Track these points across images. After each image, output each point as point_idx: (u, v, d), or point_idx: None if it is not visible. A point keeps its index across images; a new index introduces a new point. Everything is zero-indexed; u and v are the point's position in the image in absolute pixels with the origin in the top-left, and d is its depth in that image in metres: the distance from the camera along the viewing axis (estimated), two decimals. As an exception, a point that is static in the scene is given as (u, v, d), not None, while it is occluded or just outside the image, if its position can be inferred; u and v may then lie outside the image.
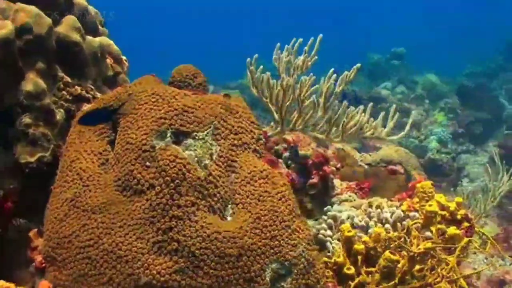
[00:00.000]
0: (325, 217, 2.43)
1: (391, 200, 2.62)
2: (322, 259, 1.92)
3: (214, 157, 1.65)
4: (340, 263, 1.91)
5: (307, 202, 2.59)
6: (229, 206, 1.65)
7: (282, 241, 1.62)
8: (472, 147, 7.56)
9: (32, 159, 1.71)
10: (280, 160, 2.55)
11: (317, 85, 1.81)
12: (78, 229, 1.59)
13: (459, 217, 2.14)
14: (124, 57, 2.18)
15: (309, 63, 1.86)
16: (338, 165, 3.01)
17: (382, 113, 1.89)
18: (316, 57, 1.87)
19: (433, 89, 9.61)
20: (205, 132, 1.66)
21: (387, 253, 1.84)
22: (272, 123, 1.90)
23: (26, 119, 1.70)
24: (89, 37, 1.94)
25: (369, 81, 10.59)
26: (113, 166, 1.65)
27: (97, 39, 1.98)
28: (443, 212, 2.13)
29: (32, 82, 1.70)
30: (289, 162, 2.58)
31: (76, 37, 1.85)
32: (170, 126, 1.63)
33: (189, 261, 1.51)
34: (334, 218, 2.42)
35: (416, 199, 2.33)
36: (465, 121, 7.96)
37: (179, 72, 1.90)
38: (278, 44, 1.85)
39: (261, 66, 1.82)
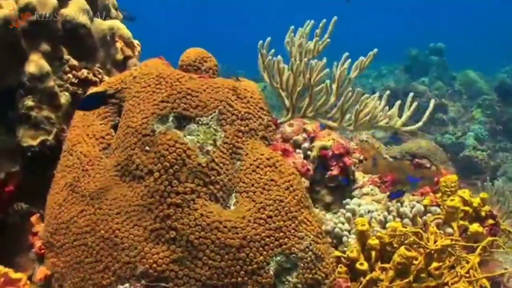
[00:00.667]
0: (343, 211, 2.33)
1: (414, 195, 2.49)
2: (334, 253, 1.82)
3: (218, 143, 1.57)
4: (353, 258, 1.80)
5: (325, 195, 2.48)
6: (233, 195, 1.57)
7: (287, 233, 1.53)
8: (510, 145, 7.26)
9: (35, 143, 1.67)
10: (299, 150, 2.46)
11: (327, 70, 1.70)
12: (76, 215, 1.54)
13: (483, 213, 2.01)
14: (136, 41, 2.12)
15: (321, 46, 1.75)
16: (361, 157, 2.90)
17: (398, 102, 1.77)
18: (329, 40, 1.76)
19: (471, 86, 9.30)
20: (210, 117, 1.59)
21: (402, 249, 1.72)
22: (284, 110, 1.80)
23: (29, 102, 1.66)
24: (98, 20, 1.89)
25: (407, 76, 10.35)
26: (114, 151, 1.59)
27: (107, 22, 1.93)
28: (466, 208, 2.00)
29: (35, 63, 1.65)
30: (308, 152, 2.49)
31: (83, 19, 1.80)
32: (173, 110, 1.55)
33: (187, 251, 1.44)
34: (353, 211, 2.32)
35: (439, 194, 2.20)
36: (503, 118, 7.66)
37: (188, 56, 1.82)
38: (292, 27, 1.75)
39: (273, 50, 1.72)
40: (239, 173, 1.58)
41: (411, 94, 1.79)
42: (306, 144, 2.47)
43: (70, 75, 1.76)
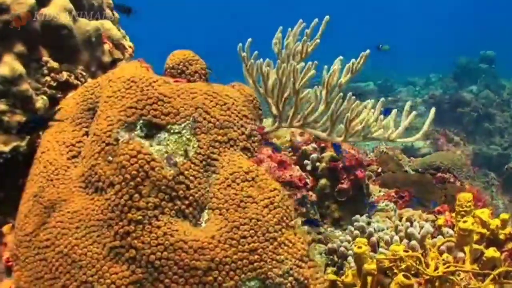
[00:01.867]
0: (351, 228, 2.16)
1: (430, 213, 2.28)
2: (328, 276, 1.65)
3: (191, 154, 1.43)
4: (347, 284, 1.63)
5: (335, 210, 2.32)
6: (206, 211, 1.43)
7: (264, 256, 1.38)
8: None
9: (7, 149, 1.58)
10: (307, 161, 2.29)
11: (312, 72, 1.53)
12: (38, 227, 1.44)
13: (502, 236, 1.78)
14: (128, 43, 2.01)
15: (310, 48, 1.59)
16: (379, 170, 2.70)
17: (394, 111, 1.58)
18: (318, 41, 1.59)
19: (520, 95, 8.83)
20: (182, 125, 1.45)
21: (400, 276, 1.53)
22: (270, 118, 1.64)
23: (1, 105, 1.57)
24: (82, 20, 1.79)
25: (455, 84, 9.97)
26: (82, 159, 1.48)
27: (93, 22, 1.83)
28: (483, 230, 1.78)
29: (8, 66, 1.57)
30: (317, 164, 2.32)
31: (65, 19, 1.71)
32: (141, 116, 1.43)
33: (148, 272, 1.31)
34: (362, 229, 2.14)
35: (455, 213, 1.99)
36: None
37: (172, 58, 1.70)
38: (281, 27, 1.59)
39: (256, 52, 1.57)
40: (213, 188, 1.44)
41: (409, 103, 1.60)
42: (315, 155, 2.31)
43: (48, 78, 1.67)
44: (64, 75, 1.70)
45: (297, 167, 2.07)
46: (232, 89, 1.60)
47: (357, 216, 2.24)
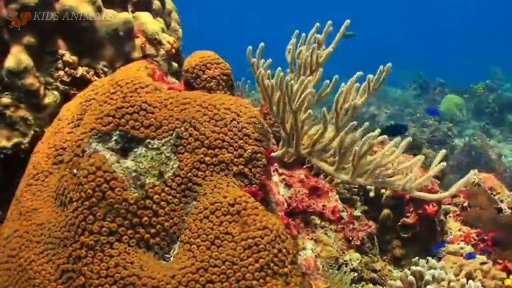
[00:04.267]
0: (407, 272, 1.85)
1: (504, 268, 1.87)
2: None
3: (167, 175, 1.27)
4: None
5: (396, 247, 2.02)
6: (178, 244, 1.25)
7: (233, 308, 1.18)
8: None
9: (8, 144, 1.55)
10: (370, 187, 2.01)
11: (310, 91, 1.25)
12: (11, 233, 1.38)
13: None
14: (168, 39, 1.88)
15: (321, 59, 1.32)
16: (465, 203, 2.31)
17: (421, 158, 1.26)
18: (331, 49, 1.31)
19: None
20: (163, 141, 1.29)
21: None
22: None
23: (5, 99, 1.54)
24: (108, 12, 1.69)
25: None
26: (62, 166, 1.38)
27: (122, 14, 1.72)
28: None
29: (14, 57, 1.53)
30: (382, 191, 2.03)
31: (86, 10, 1.62)
32: (118, 127, 1.29)
33: (95, 306, 1.17)
34: (419, 275, 1.83)
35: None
36: None
37: (190, 60, 1.54)
38: (296, 31, 1.34)
39: (269, 60, 1.34)
40: (189, 218, 1.26)
41: (443, 151, 1.27)
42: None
43: (61, 72, 1.60)
44: (80, 70, 1.62)
45: (337, 196, 1.80)
46: (240, 101, 1.40)
47: (417, 259, 1.92)
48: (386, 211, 2.01)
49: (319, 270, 1.56)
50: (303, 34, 1.33)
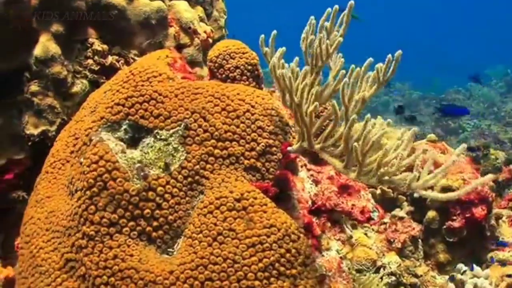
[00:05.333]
0: (449, 282, 1.74)
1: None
2: None
3: (173, 167, 1.24)
4: None
5: (441, 251, 1.89)
6: (182, 239, 1.22)
7: (233, 310, 1.14)
8: None
9: (35, 132, 1.59)
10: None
11: (306, 80, 1.16)
12: (28, 220, 1.41)
13: None
14: (205, 28, 1.85)
15: (331, 49, 1.22)
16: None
17: (431, 158, 1.14)
18: (340, 39, 1.21)
19: None
20: (171, 132, 1.26)
21: None
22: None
23: (33, 87, 1.58)
24: (142, 0, 1.68)
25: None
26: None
27: (155, 3, 1.71)
28: None
29: (42, 46, 1.56)
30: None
31: (117, -2, 1.62)
32: (127, 116, 1.28)
33: (93, 297, 1.17)
34: (461, 284, 1.71)
35: None
36: None
37: (214, 49, 1.51)
38: (312, 17, 1.25)
39: (283, 48, 1.27)
40: (194, 212, 1.23)
41: (464, 145, 1.15)
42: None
43: (90, 61, 1.61)
44: (110, 59, 1.63)
45: (369, 195, 1.70)
46: (258, 92, 1.34)
47: (461, 265, 1.80)
48: (431, 213, 1.88)
49: (343, 273, 1.48)
50: (313, 21, 1.24)
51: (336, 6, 1.24)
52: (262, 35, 1.31)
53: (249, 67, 1.50)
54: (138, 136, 1.28)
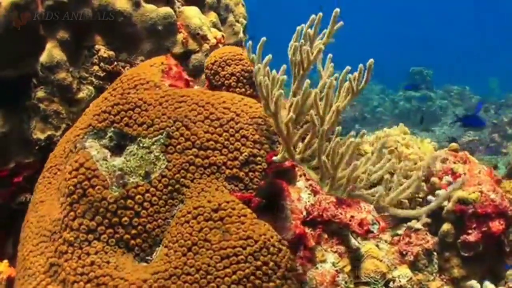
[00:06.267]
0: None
1: None
2: None
3: (154, 175, 1.25)
4: None
5: (455, 266, 1.82)
6: (160, 247, 1.24)
7: (203, 320, 1.14)
8: None
9: (42, 136, 1.65)
10: (431, 197, 1.83)
11: (278, 91, 1.13)
12: (25, 223, 1.46)
13: None
14: (216, 34, 1.86)
15: (312, 56, 1.19)
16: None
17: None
18: (321, 46, 1.18)
19: None
20: (153, 140, 1.28)
21: None
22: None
23: (40, 93, 1.64)
24: (148, 6, 1.72)
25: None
26: (73, 160, 1.43)
27: (162, 9, 1.74)
28: None
29: (47, 52, 1.61)
30: (445, 202, 1.83)
31: (122, 5, 1.66)
32: (113, 124, 1.31)
33: (72, 302, 1.20)
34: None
35: None
36: None
37: (211, 56, 1.52)
38: (301, 26, 1.23)
39: (268, 56, 1.25)
40: (173, 221, 1.24)
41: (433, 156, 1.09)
42: (443, 191, 1.83)
43: (96, 67, 1.66)
44: (115, 65, 1.67)
45: (371, 207, 1.66)
46: (246, 100, 1.34)
47: (472, 282, 1.72)
48: (446, 225, 1.81)
49: (338, 287, 1.45)
50: (302, 28, 1.22)
51: (320, 13, 1.22)
52: (250, 42, 1.31)
53: (246, 74, 1.50)
54: (123, 143, 1.31)
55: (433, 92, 9.04)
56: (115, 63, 1.69)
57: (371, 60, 1.12)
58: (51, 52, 1.61)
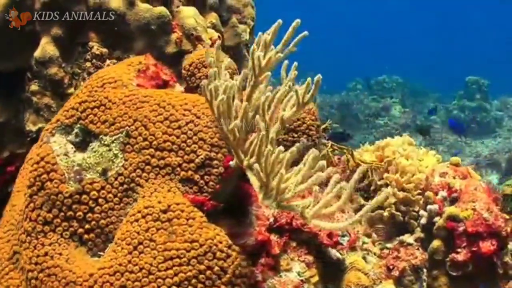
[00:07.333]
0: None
1: None
2: None
3: (110, 173, 1.31)
4: None
5: (443, 285, 1.78)
6: (111, 244, 1.29)
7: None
8: None
9: (34, 129, 1.74)
10: (423, 212, 1.80)
11: (218, 100, 1.15)
12: (4, 212, 1.55)
13: None
14: (211, 35, 1.89)
15: (270, 63, 1.19)
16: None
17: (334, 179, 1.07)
18: (280, 55, 1.18)
19: None
20: (113, 138, 1.33)
21: None
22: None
23: (33, 86, 1.73)
24: (142, 6, 1.77)
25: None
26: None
27: (157, 9, 1.78)
28: None
29: (41, 48, 1.70)
30: (436, 219, 1.80)
31: (116, 4, 1.73)
32: (79, 120, 1.37)
33: (27, 289, 1.28)
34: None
35: None
36: None
37: (188, 58, 1.57)
38: (260, 34, 1.23)
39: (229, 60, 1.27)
40: (125, 219, 1.29)
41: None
42: (435, 207, 1.80)
43: (88, 64, 1.74)
44: (107, 62, 1.74)
45: (351, 216, 1.65)
46: (200, 102, 1.37)
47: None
48: (436, 242, 1.77)
49: (300, 298, 1.46)
50: (260, 33, 1.24)
51: (280, 21, 1.23)
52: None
53: (218, 77, 1.52)
54: (88, 140, 1.37)
55: (488, 103, 8.83)
56: (107, 60, 1.75)
57: (319, 75, 1.12)
58: (45, 47, 1.70)
